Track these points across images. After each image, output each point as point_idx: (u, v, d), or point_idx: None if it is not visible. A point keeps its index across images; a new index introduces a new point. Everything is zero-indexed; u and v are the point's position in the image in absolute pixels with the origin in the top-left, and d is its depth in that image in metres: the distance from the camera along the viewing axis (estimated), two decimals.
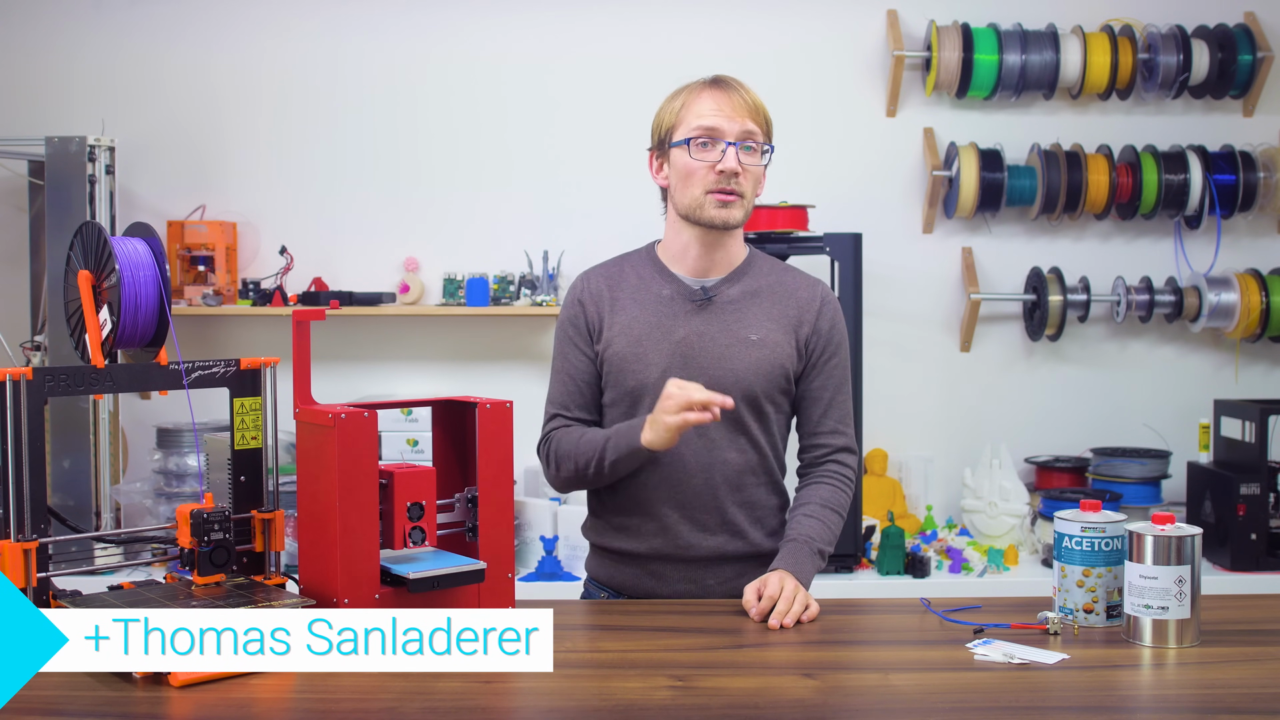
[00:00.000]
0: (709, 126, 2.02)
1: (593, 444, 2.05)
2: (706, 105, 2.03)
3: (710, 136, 2.02)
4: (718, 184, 2.02)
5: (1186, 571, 1.72)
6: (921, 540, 3.67)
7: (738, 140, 2.02)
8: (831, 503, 2.10)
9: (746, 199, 2.05)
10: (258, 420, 1.85)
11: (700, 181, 2.03)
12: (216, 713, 1.47)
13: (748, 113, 2.03)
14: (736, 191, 2.03)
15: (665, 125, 2.08)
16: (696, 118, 2.03)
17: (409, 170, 3.93)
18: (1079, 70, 3.79)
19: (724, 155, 2.01)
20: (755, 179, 2.06)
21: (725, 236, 2.09)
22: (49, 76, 3.89)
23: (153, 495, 3.55)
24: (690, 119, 2.04)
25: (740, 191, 2.03)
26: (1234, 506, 3.43)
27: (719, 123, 2.02)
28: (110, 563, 1.96)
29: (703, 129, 2.02)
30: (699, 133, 2.02)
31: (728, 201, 2.03)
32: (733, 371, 2.05)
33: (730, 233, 2.09)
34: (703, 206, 2.04)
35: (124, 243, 1.76)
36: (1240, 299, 3.76)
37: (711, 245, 2.09)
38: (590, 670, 1.65)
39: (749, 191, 2.05)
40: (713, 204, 2.03)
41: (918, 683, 1.59)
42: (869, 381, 3.65)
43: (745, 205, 2.06)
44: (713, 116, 2.02)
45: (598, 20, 3.91)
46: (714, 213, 2.03)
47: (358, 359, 3.92)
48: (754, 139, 2.03)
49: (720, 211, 2.03)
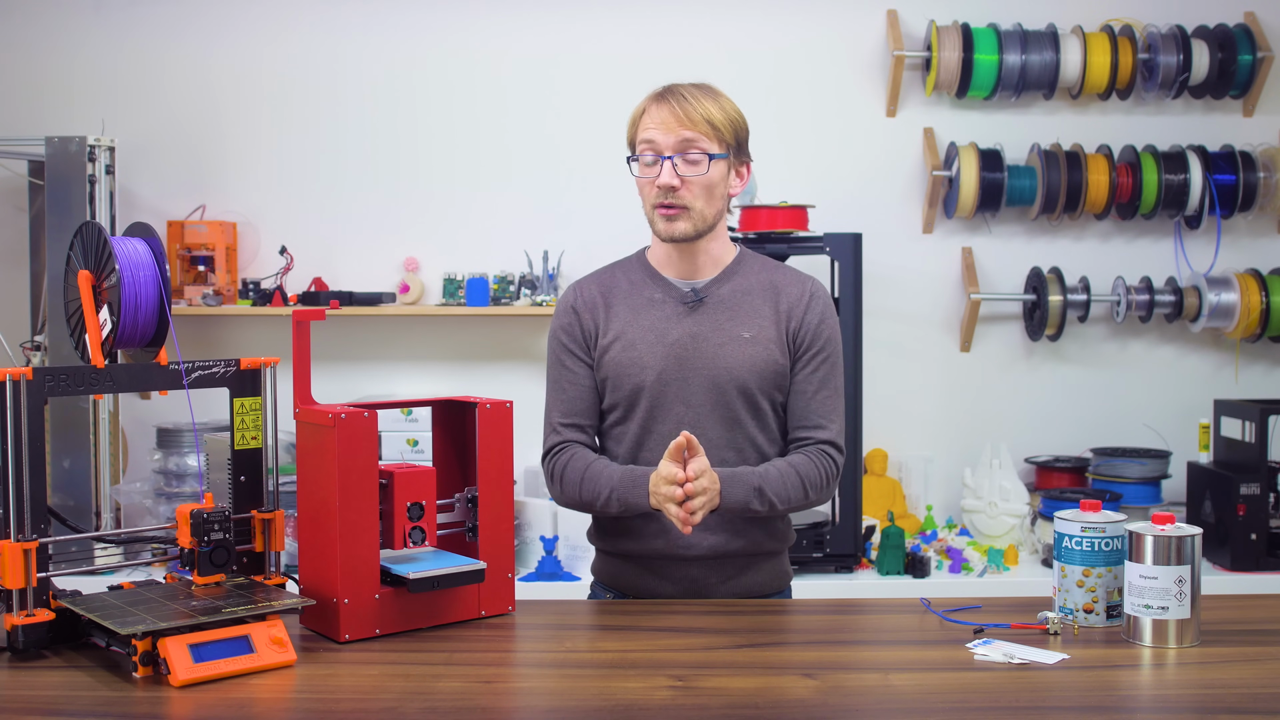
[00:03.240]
0: (648, 140, 2.04)
1: (598, 484, 2.04)
2: (649, 119, 2.05)
3: (652, 151, 2.04)
4: (658, 198, 2.04)
5: (1186, 571, 1.72)
6: (921, 540, 3.67)
7: (675, 152, 2.01)
8: (798, 466, 2.04)
9: (695, 209, 2.04)
10: (258, 420, 1.85)
11: (647, 197, 2.07)
12: (216, 713, 1.47)
13: (685, 123, 2.01)
14: (677, 205, 2.03)
15: (628, 139, 2.11)
16: (641, 132, 2.06)
17: (409, 170, 3.93)
18: (1079, 70, 3.79)
19: (660, 169, 2.02)
20: (704, 187, 2.04)
21: (697, 243, 2.09)
22: (49, 76, 3.89)
23: (153, 495, 3.55)
24: (638, 134, 2.07)
25: (682, 204, 2.03)
26: (1234, 506, 3.43)
27: (654, 136, 2.03)
28: (110, 563, 1.96)
29: (645, 144, 2.05)
30: (642, 148, 2.05)
31: (671, 215, 2.04)
32: (728, 370, 2.06)
33: (701, 239, 2.09)
34: (653, 220, 2.07)
35: (124, 243, 1.76)
36: (1240, 299, 3.76)
37: (686, 251, 2.10)
38: (590, 670, 1.65)
39: (697, 202, 2.04)
40: (659, 219, 2.06)
41: (918, 683, 1.59)
42: (869, 381, 3.65)
43: (695, 216, 2.04)
44: (652, 129, 2.03)
45: (597, 20, 3.91)
46: (660, 226, 2.06)
47: (358, 359, 3.92)
48: (694, 147, 2.02)
49: (665, 225, 2.05)
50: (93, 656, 1.66)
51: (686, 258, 2.11)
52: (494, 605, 1.88)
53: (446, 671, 1.63)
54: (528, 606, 1.94)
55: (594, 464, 2.07)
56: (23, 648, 1.64)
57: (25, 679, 1.58)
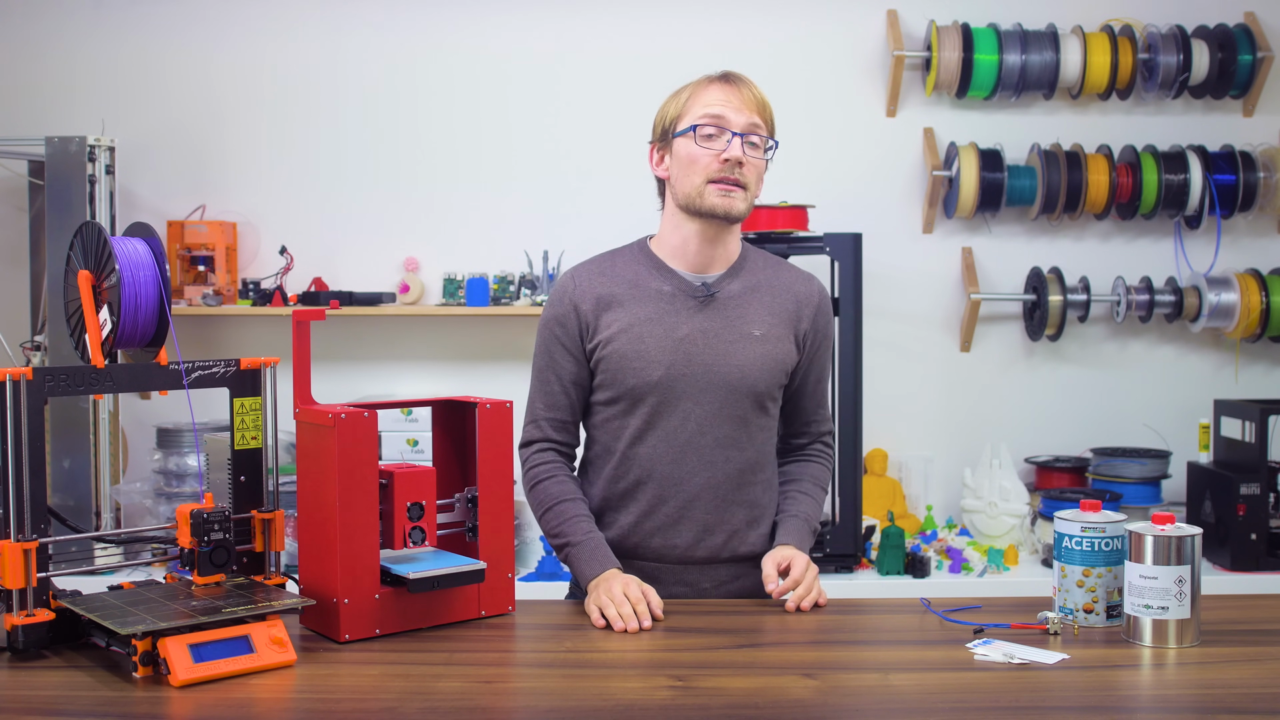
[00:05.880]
0: (715, 115, 2.01)
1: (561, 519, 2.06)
2: (714, 96, 2.03)
3: (717, 125, 2.01)
4: (720, 173, 2.01)
5: (1186, 571, 1.72)
6: (921, 540, 3.67)
7: (743, 132, 2.02)
8: (820, 480, 2.21)
9: (749, 191, 2.04)
10: (258, 420, 1.85)
11: (703, 170, 2.02)
12: (216, 713, 1.47)
13: (754, 107, 2.03)
14: (740, 182, 2.02)
15: (670, 116, 2.08)
16: (703, 107, 2.03)
17: (409, 170, 3.93)
18: (1079, 70, 3.79)
19: (729, 144, 2.01)
20: (758, 173, 2.06)
21: (725, 231, 2.08)
22: (49, 76, 3.89)
23: (153, 495, 3.55)
24: (696, 108, 2.03)
25: (743, 182, 2.02)
26: (1234, 506, 3.43)
27: (725, 112, 2.01)
28: (110, 563, 1.96)
29: (710, 117, 2.01)
30: (706, 120, 2.01)
31: (730, 191, 2.02)
32: (738, 368, 2.05)
33: (730, 227, 2.08)
34: (704, 195, 2.02)
35: (124, 243, 1.76)
36: (1240, 299, 3.76)
37: (712, 239, 2.07)
38: (590, 670, 1.65)
39: (752, 184, 2.04)
40: (715, 192, 2.01)
41: (918, 683, 1.59)
42: (869, 381, 3.65)
43: (748, 198, 2.04)
44: (720, 106, 2.02)
45: (598, 21, 3.91)
46: (715, 200, 2.01)
47: (358, 359, 3.92)
48: (758, 133, 2.03)
49: (722, 200, 2.01)
50: (93, 656, 1.66)
51: (706, 249, 2.08)
52: (494, 605, 1.88)
53: (446, 671, 1.63)
54: (528, 606, 1.94)
55: (562, 503, 2.07)
56: (23, 648, 1.64)
57: (25, 679, 1.58)
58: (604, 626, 1.85)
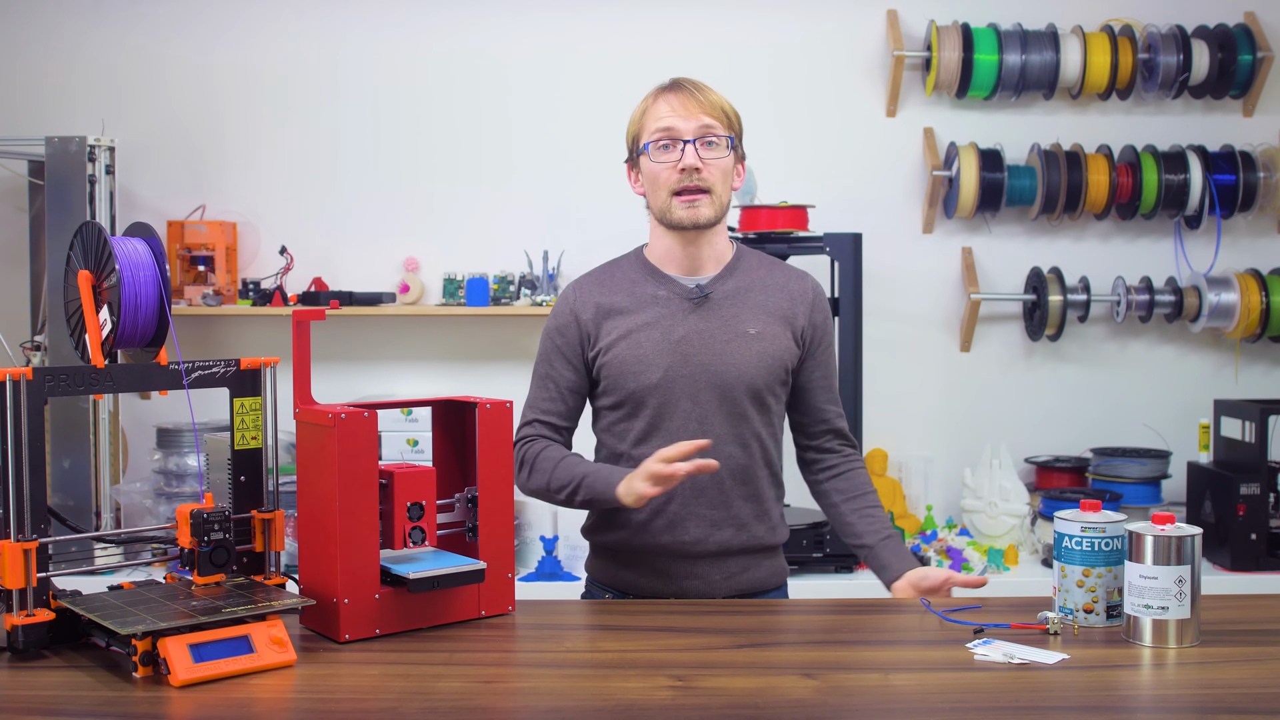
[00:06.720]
0: (665, 128, 2.05)
1: (569, 473, 2.06)
2: (662, 109, 2.07)
3: (669, 137, 2.05)
4: (680, 183, 2.04)
5: (1186, 571, 1.72)
6: (921, 540, 3.67)
7: (695, 136, 2.04)
8: (871, 488, 2.22)
9: (715, 193, 2.07)
10: (258, 420, 1.85)
11: (665, 184, 2.06)
12: (216, 713, 1.47)
13: (702, 109, 2.05)
14: (701, 188, 2.05)
15: (631, 135, 2.13)
16: (655, 121, 2.07)
17: (409, 170, 3.93)
18: (1079, 70, 3.79)
19: (683, 153, 2.03)
20: (723, 171, 2.08)
21: (706, 234, 2.11)
22: (49, 76, 3.89)
23: (153, 495, 3.55)
24: (650, 124, 2.07)
25: (705, 186, 2.05)
26: (1234, 506, 3.43)
27: (674, 122, 2.05)
28: (110, 563, 1.96)
29: (660, 131, 2.05)
30: (658, 135, 2.06)
31: (693, 200, 2.05)
32: (735, 367, 2.07)
33: (711, 230, 2.10)
34: (670, 209, 2.07)
35: (124, 243, 1.76)
36: (1240, 299, 3.76)
37: (694, 242, 2.11)
38: (590, 670, 1.65)
39: (717, 185, 2.07)
40: (679, 205, 2.06)
41: (918, 683, 1.59)
42: (869, 381, 3.65)
43: (715, 201, 2.07)
44: (668, 118, 2.05)
45: (598, 21, 3.91)
46: (681, 214, 2.06)
47: (358, 359, 3.92)
48: (713, 133, 2.05)
49: (688, 212, 2.06)
50: (93, 656, 1.66)
51: (692, 251, 2.11)
52: (494, 605, 1.88)
53: (446, 671, 1.63)
54: (528, 606, 1.94)
55: (570, 456, 2.10)
56: (23, 648, 1.64)
57: (25, 679, 1.58)
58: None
